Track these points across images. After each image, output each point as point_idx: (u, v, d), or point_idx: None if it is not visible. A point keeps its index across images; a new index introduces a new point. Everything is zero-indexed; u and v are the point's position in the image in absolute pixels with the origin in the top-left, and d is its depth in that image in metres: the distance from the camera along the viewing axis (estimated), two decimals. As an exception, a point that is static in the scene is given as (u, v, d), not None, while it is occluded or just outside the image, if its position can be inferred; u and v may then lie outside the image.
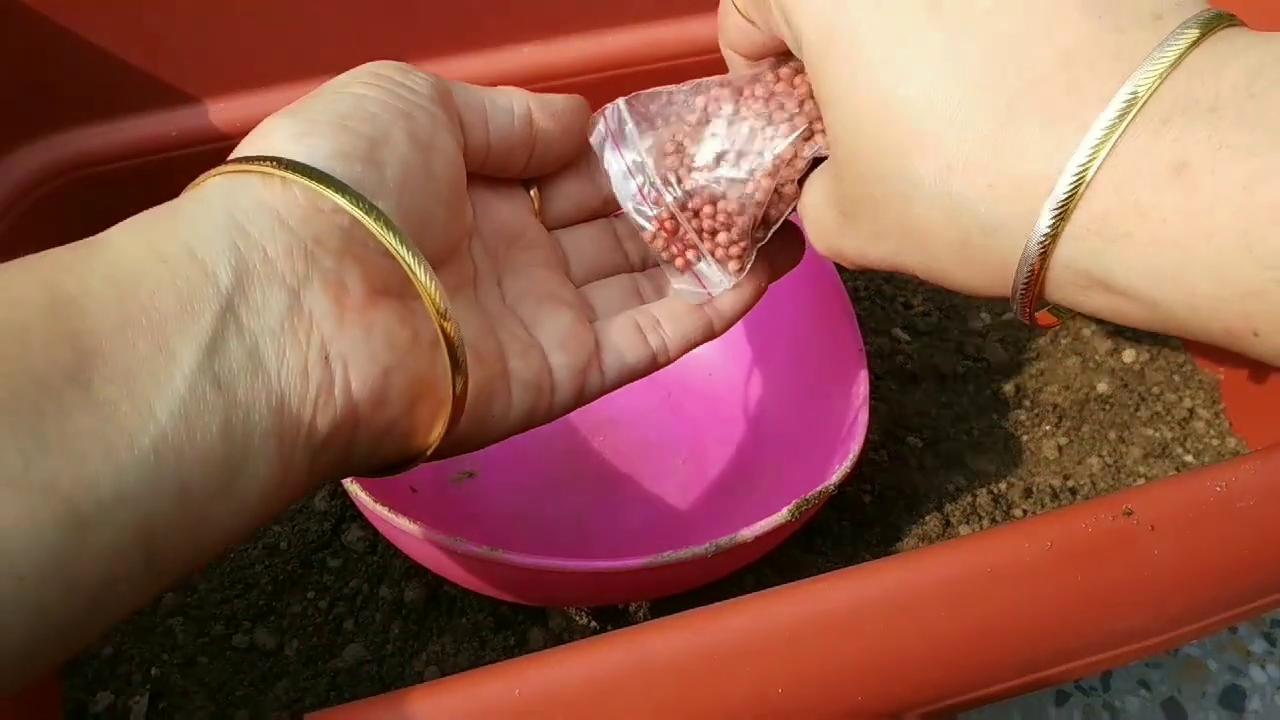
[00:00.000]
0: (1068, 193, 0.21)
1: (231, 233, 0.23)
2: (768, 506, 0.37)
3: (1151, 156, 0.20)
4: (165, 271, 0.22)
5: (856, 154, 0.25)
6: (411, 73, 0.28)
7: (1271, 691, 0.51)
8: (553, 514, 0.46)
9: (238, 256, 0.23)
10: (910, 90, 0.23)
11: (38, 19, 0.42)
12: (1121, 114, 0.21)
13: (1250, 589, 0.34)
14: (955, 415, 0.51)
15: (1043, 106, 0.22)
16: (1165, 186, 0.20)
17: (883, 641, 0.29)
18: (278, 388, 0.23)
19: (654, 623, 0.29)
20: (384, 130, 0.26)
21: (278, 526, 0.45)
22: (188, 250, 0.23)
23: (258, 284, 0.23)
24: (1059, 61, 0.22)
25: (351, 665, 0.42)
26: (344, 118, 0.26)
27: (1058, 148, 0.21)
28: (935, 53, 0.23)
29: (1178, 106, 0.20)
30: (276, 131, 0.25)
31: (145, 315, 0.22)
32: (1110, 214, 0.21)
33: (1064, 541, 0.31)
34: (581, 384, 0.31)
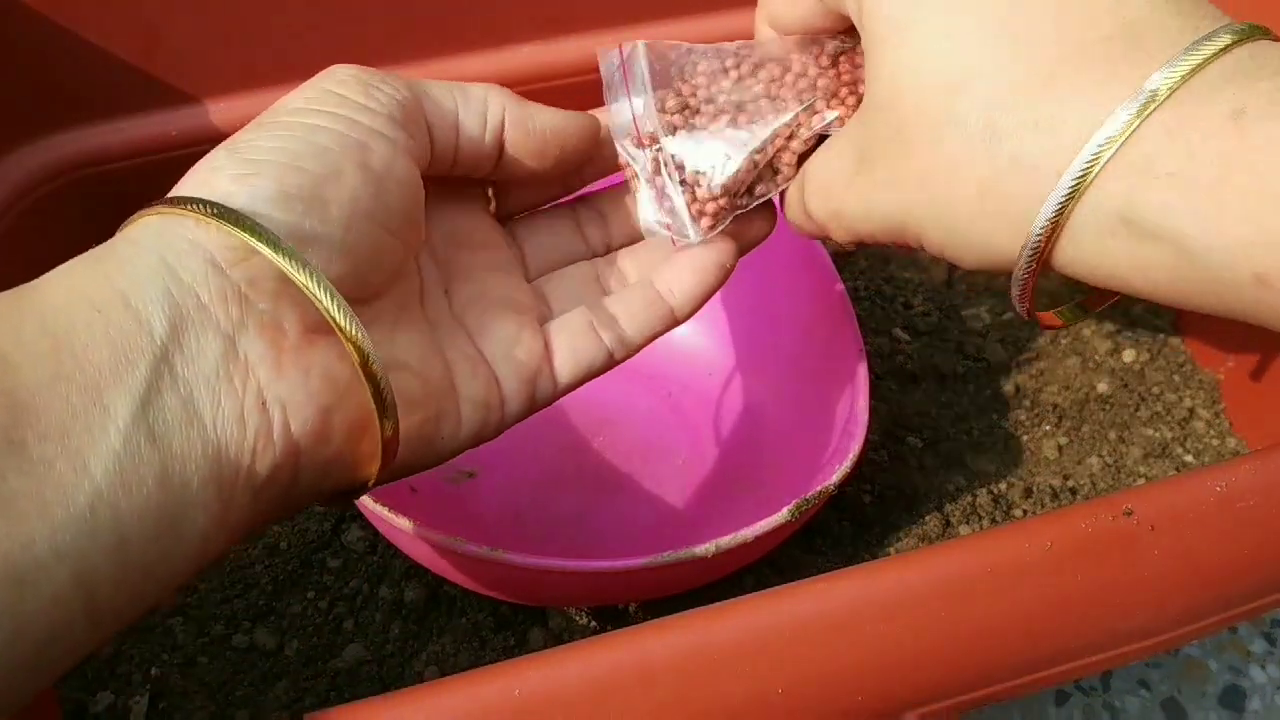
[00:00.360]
0: (1118, 132, 0.22)
1: (165, 278, 0.23)
2: (768, 506, 0.37)
3: (1209, 105, 0.21)
4: (99, 321, 0.22)
5: (898, 91, 0.25)
6: (375, 87, 0.27)
7: (1271, 691, 0.51)
8: (552, 514, 0.46)
9: (171, 303, 0.23)
10: (971, 27, 0.24)
11: (38, 19, 0.42)
12: (1184, 74, 0.21)
13: (1250, 589, 0.34)
14: (955, 415, 0.51)
15: (1104, 62, 0.23)
16: (1219, 131, 0.21)
17: (883, 641, 0.29)
18: (214, 436, 0.23)
19: (654, 623, 0.29)
20: (334, 166, 0.25)
21: (278, 527, 0.45)
22: (121, 298, 0.22)
23: (192, 331, 0.23)
24: (1123, 28, 0.23)
25: (351, 665, 0.42)
26: (293, 156, 0.25)
27: (1114, 96, 0.22)
28: (1003, 5, 0.24)
29: (1240, 69, 0.21)
30: (218, 171, 0.25)
31: (79, 369, 0.21)
32: (1158, 154, 0.21)
33: (1064, 541, 0.31)
34: (532, 392, 0.30)
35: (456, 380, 0.29)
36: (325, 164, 0.25)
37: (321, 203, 0.25)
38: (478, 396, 0.29)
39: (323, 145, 0.25)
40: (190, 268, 0.23)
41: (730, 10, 0.51)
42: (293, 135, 0.25)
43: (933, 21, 0.25)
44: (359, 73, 0.27)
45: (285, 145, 0.25)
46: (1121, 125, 0.22)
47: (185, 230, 0.23)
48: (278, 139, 0.25)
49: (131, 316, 0.22)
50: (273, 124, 0.26)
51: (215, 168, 0.25)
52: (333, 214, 0.25)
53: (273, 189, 0.24)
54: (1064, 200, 0.22)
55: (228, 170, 0.24)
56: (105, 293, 0.22)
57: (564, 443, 0.49)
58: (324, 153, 0.25)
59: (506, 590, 0.40)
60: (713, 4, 0.51)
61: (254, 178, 0.24)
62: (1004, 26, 0.24)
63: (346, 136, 0.26)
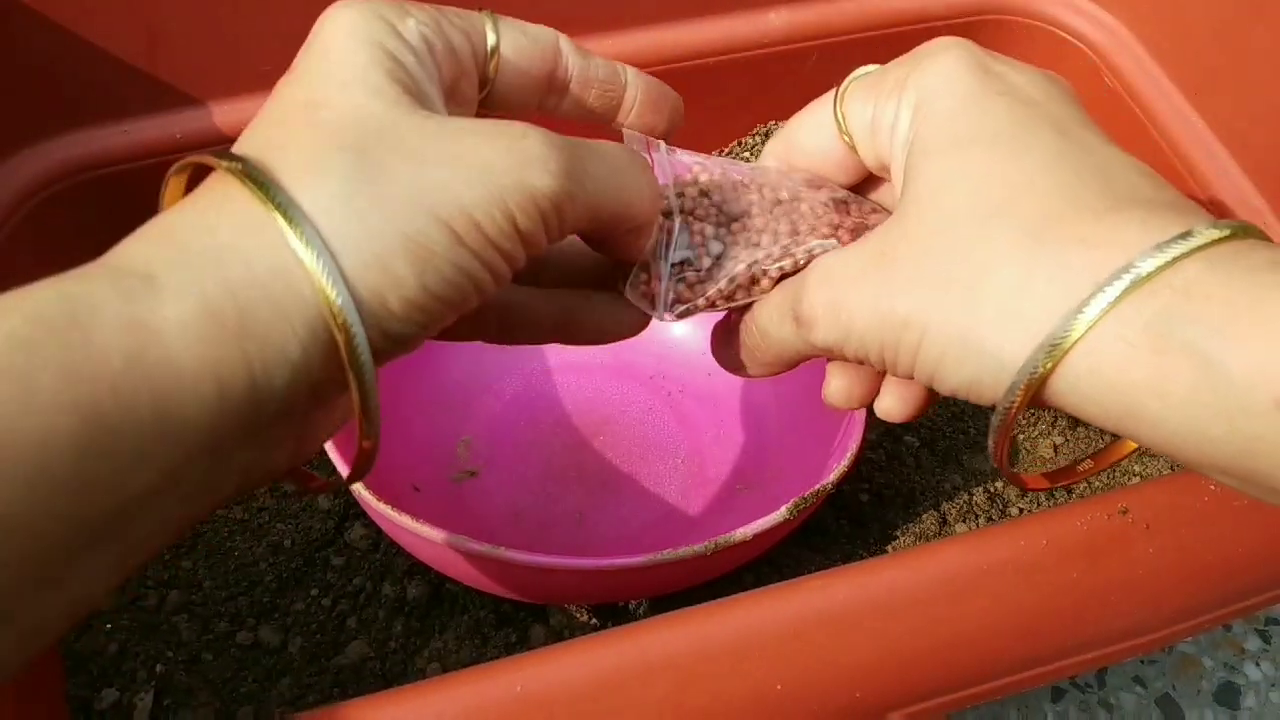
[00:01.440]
0: (1166, 259, 0.22)
1: (296, 374, 0.22)
2: (766, 505, 0.37)
3: (1251, 254, 0.22)
4: (216, 407, 0.21)
5: (940, 193, 0.26)
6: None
7: (1266, 688, 0.52)
8: (553, 512, 0.47)
9: (289, 399, 0.22)
10: (1033, 159, 0.25)
11: (41, 21, 0.43)
12: (1233, 229, 0.23)
13: (1245, 586, 0.34)
14: (952, 414, 0.51)
15: (1155, 205, 0.24)
16: (1260, 266, 0.22)
17: (880, 638, 0.30)
18: (238, 485, 0.24)
19: (654, 620, 0.29)
20: (468, 303, 0.24)
21: (281, 525, 0.45)
22: (250, 387, 0.21)
23: (283, 418, 0.23)
24: (1164, 193, 0.25)
25: (355, 662, 0.42)
26: (456, 299, 0.24)
27: (1159, 229, 0.23)
28: (1054, 151, 0.25)
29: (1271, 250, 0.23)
30: (396, 281, 0.23)
31: (177, 449, 0.21)
32: (1198, 280, 0.22)
33: (1060, 540, 0.31)
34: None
35: None
36: (469, 301, 0.24)
37: (437, 325, 0.25)
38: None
39: (479, 289, 0.24)
40: (319, 368, 0.23)
41: (730, 13, 0.51)
42: (468, 275, 0.24)
43: (995, 148, 0.26)
44: (557, 199, 0.25)
45: (459, 284, 0.24)
46: (1171, 254, 0.22)
47: (329, 332, 0.22)
48: (459, 273, 0.24)
49: (251, 408, 0.22)
50: (461, 246, 0.24)
51: (394, 273, 0.23)
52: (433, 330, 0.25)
53: (418, 329, 0.24)
54: (1099, 303, 0.23)
55: (406, 292, 0.23)
56: (238, 377, 0.21)
57: (565, 442, 0.49)
58: (476, 294, 0.24)
59: (508, 588, 0.40)
60: (712, 7, 0.51)
61: (418, 313, 0.23)
62: (1060, 162, 0.25)
63: (496, 282, 0.25)
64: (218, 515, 0.46)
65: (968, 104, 0.26)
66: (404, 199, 0.23)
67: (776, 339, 0.29)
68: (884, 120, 0.28)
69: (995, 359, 0.24)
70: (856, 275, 0.27)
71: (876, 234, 0.27)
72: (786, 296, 0.29)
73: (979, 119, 0.26)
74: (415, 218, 0.23)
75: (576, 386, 0.51)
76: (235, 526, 0.45)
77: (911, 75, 0.27)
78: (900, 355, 0.26)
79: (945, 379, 0.26)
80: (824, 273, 0.28)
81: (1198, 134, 0.49)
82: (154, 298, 0.21)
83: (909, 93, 0.27)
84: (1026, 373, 0.24)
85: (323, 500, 0.46)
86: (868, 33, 0.52)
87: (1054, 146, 0.25)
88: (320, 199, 0.22)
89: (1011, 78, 0.27)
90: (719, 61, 0.51)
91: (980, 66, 0.27)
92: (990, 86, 0.27)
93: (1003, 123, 0.26)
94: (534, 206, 0.24)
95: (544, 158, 0.24)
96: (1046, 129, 0.26)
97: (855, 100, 0.29)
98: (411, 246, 0.23)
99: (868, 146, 0.29)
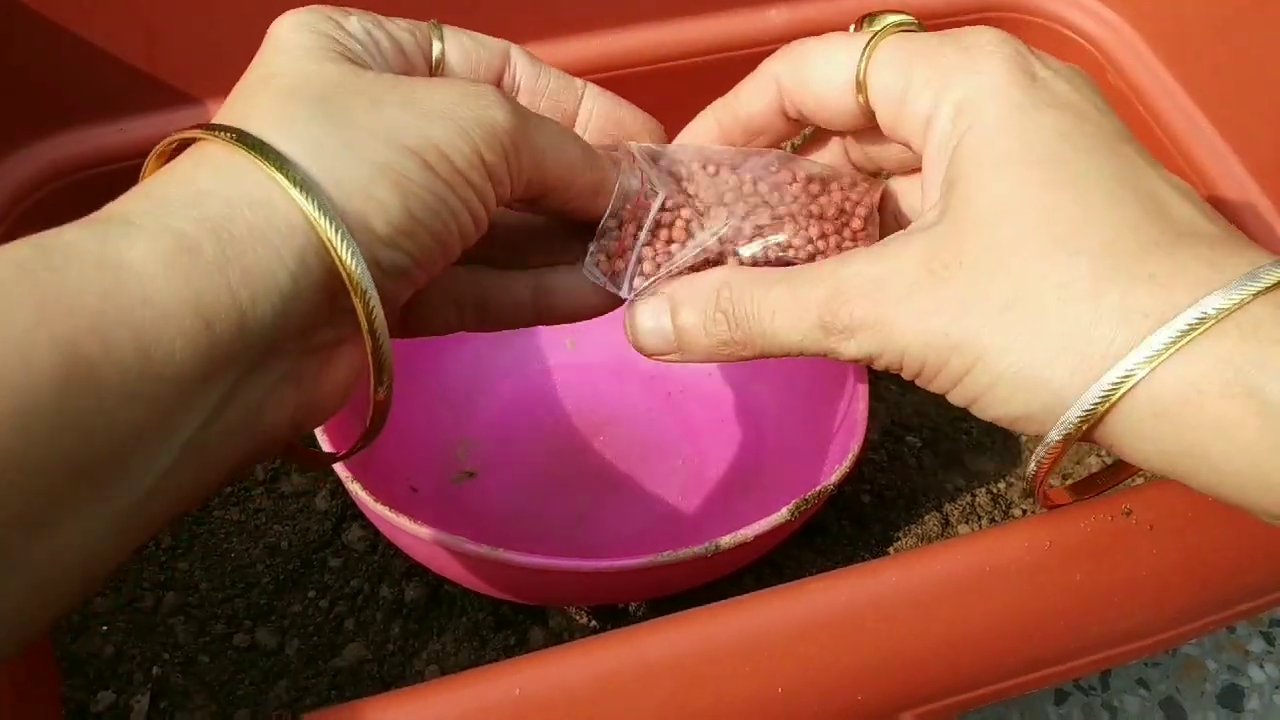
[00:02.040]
0: (1234, 300, 0.22)
1: (287, 304, 0.22)
2: (767, 506, 0.37)
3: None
4: (204, 340, 0.21)
5: (1004, 213, 0.25)
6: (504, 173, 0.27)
7: (1270, 690, 0.51)
8: (553, 514, 0.47)
9: (282, 331, 0.22)
10: (1098, 187, 0.25)
11: (38, 19, 0.42)
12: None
13: (1249, 589, 0.34)
14: (954, 415, 0.51)
15: (1227, 243, 0.24)
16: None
17: (882, 641, 0.30)
18: (241, 444, 0.24)
19: (654, 622, 0.29)
20: (452, 246, 0.26)
21: (278, 526, 0.45)
22: (238, 318, 0.21)
23: (275, 355, 0.23)
24: (1233, 230, 0.25)
25: (352, 664, 0.42)
26: (440, 232, 0.25)
27: (1227, 267, 0.23)
28: (1127, 181, 0.25)
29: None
30: (381, 206, 0.24)
31: (163, 389, 0.21)
32: (1265, 321, 0.22)
33: (1063, 541, 0.31)
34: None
35: None
36: (452, 243, 0.26)
37: (430, 269, 0.26)
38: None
39: (461, 228, 0.26)
40: (313, 300, 0.23)
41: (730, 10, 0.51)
42: (446, 205, 0.25)
43: (1054, 169, 0.25)
44: (515, 134, 0.26)
45: (440, 214, 0.25)
46: (1237, 295, 0.22)
47: (321, 260, 0.23)
48: (437, 201, 0.25)
49: (240, 339, 0.22)
50: (434, 175, 0.25)
51: (378, 199, 0.24)
52: (418, 279, 0.26)
53: (410, 261, 0.25)
54: (1166, 345, 0.23)
55: (391, 216, 0.24)
56: (225, 309, 0.21)
57: (564, 443, 0.49)
58: (457, 235, 0.26)
59: (507, 589, 0.40)
60: (712, 4, 0.51)
61: (406, 240, 0.24)
62: (1119, 191, 0.25)
63: (475, 223, 0.26)
64: (214, 516, 0.46)
65: (1017, 117, 0.26)
66: (373, 135, 0.24)
67: (784, 341, 0.28)
68: (917, 106, 0.27)
69: (1054, 395, 0.24)
70: (905, 292, 0.26)
71: (923, 243, 0.26)
72: (808, 299, 0.28)
73: (1032, 136, 0.26)
74: (387, 150, 0.24)
75: (576, 387, 0.51)
76: (232, 528, 0.45)
77: (955, 73, 0.27)
78: (943, 376, 0.26)
79: (988, 408, 0.26)
80: (868, 281, 0.27)
81: (1202, 132, 0.49)
82: (127, 238, 0.21)
83: (952, 90, 0.27)
84: (1083, 409, 0.24)
85: (320, 501, 0.46)
86: (869, 31, 0.52)
87: (1110, 171, 0.25)
88: (294, 144, 0.23)
89: (1055, 85, 0.27)
90: (719, 59, 0.51)
91: (1026, 72, 0.27)
92: (1039, 97, 0.26)
93: (1055, 142, 0.25)
94: (496, 140, 0.25)
95: (499, 100, 0.26)
96: (1100, 149, 0.25)
97: (884, 68, 0.28)
98: (389, 174, 0.23)
99: (890, 118, 0.28)
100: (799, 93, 0.30)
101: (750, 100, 0.31)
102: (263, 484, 0.47)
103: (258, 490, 0.47)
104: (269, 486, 0.47)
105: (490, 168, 0.26)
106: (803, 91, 0.30)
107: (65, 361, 0.19)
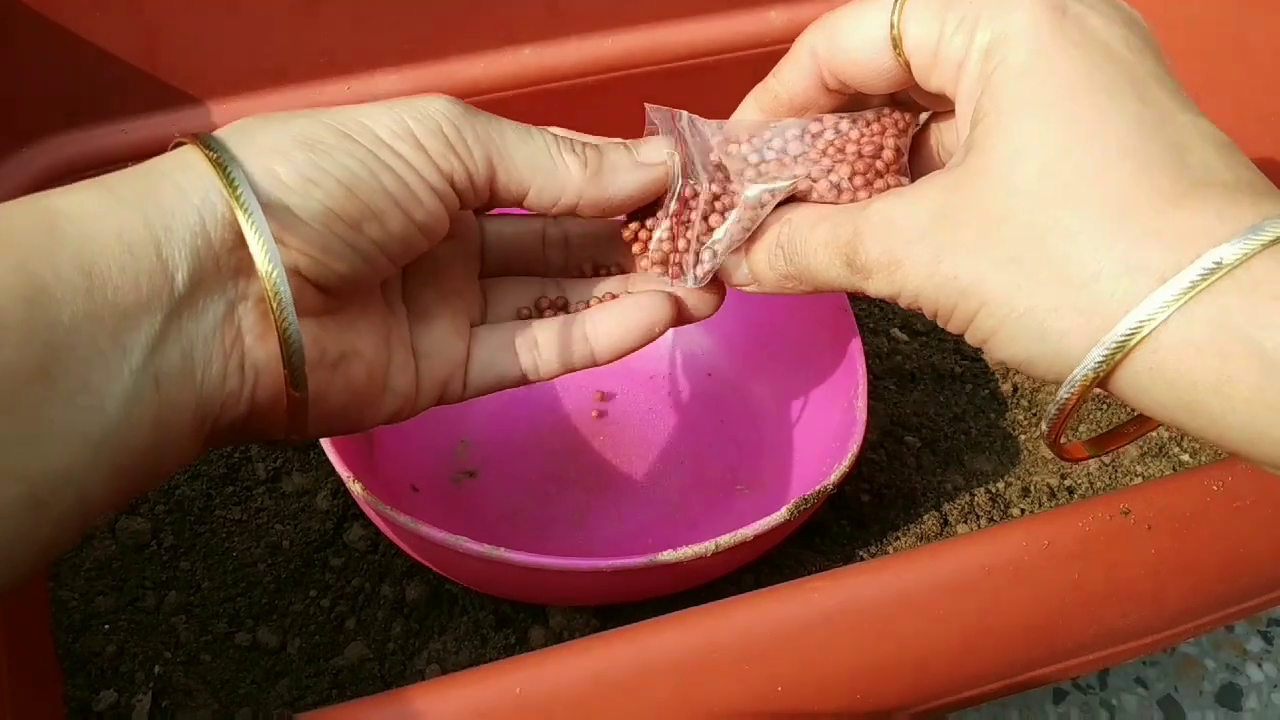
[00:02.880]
0: (1237, 254, 0.22)
1: (198, 238, 0.25)
2: (767, 506, 0.37)
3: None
4: (131, 265, 0.24)
5: (1018, 160, 0.25)
6: (454, 149, 0.28)
7: (1268, 689, 0.52)
8: (553, 513, 0.47)
9: (197, 264, 0.25)
10: (1114, 135, 0.24)
11: (41, 21, 0.43)
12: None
13: (1247, 587, 0.34)
14: (953, 415, 0.51)
15: (1228, 195, 0.24)
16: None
17: (881, 639, 0.30)
18: (200, 389, 0.25)
19: (654, 621, 0.29)
20: (384, 209, 0.27)
21: (280, 525, 0.45)
22: (155, 247, 0.24)
23: (205, 290, 0.25)
24: (1239, 179, 0.24)
25: (353, 663, 0.42)
26: (355, 183, 0.26)
27: (1238, 222, 0.23)
28: (1146, 129, 0.25)
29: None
30: (286, 159, 0.26)
31: (109, 309, 0.23)
32: (1267, 278, 0.22)
33: (1062, 540, 0.31)
34: (441, 393, 0.32)
35: (390, 376, 0.30)
36: (378, 204, 0.27)
37: (356, 230, 0.27)
38: (401, 389, 0.31)
39: (385, 189, 0.27)
40: (221, 235, 0.25)
41: (731, 11, 0.51)
42: (364, 165, 0.27)
43: (1072, 113, 0.25)
44: (452, 117, 0.28)
45: (354, 170, 0.27)
46: (1240, 250, 0.22)
47: (223, 199, 0.25)
48: (352, 160, 0.27)
49: (161, 267, 0.24)
50: (352, 141, 0.27)
51: (286, 155, 0.26)
52: (360, 244, 0.27)
53: (321, 207, 0.26)
54: (1167, 303, 0.23)
55: (297, 165, 0.26)
56: (141, 237, 0.24)
57: (564, 442, 0.49)
58: (383, 195, 0.27)
59: (507, 589, 0.40)
60: (713, 5, 0.51)
61: (314, 188, 0.26)
62: (1136, 137, 0.24)
63: (408, 189, 0.27)
64: (216, 515, 0.46)
65: (1044, 57, 0.25)
66: (305, 118, 0.27)
67: (825, 278, 0.29)
68: (950, 53, 0.27)
69: (1054, 348, 0.24)
70: (917, 233, 0.26)
71: (939, 186, 0.27)
72: (839, 238, 0.28)
73: (1055, 78, 0.25)
74: (308, 124, 0.27)
75: (576, 387, 0.51)
76: (233, 527, 0.45)
77: (984, 14, 0.26)
78: (954, 318, 0.26)
79: (997, 349, 0.26)
80: (883, 222, 0.27)
81: (1200, 133, 0.49)
82: (58, 194, 0.24)
83: (981, 31, 0.26)
84: (1088, 368, 0.24)
85: (321, 501, 0.46)
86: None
87: (1131, 116, 0.25)
88: (231, 133, 0.26)
89: (1089, 20, 0.26)
90: (719, 60, 0.51)
91: (1059, 9, 0.26)
92: (1068, 35, 0.25)
93: (1079, 84, 0.25)
94: (428, 118, 0.28)
95: (440, 96, 0.28)
96: (1124, 92, 0.25)
97: (917, 19, 0.28)
98: (302, 141, 0.26)
99: (926, 72, 0.28)
100: (836, 60, 0.30)
101: (789, 77, 0.31)
102: (264, 483, 0.47)
103: (259, 490, 0.47)
104: (270, 486, 0.47)
105: (422, 141, 0.27)
106: (840, 58, 0.30)
107: (22, 281, 0.22)
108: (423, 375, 0.31)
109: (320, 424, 0.29)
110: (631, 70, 0.50)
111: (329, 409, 0.29)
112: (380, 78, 0.47)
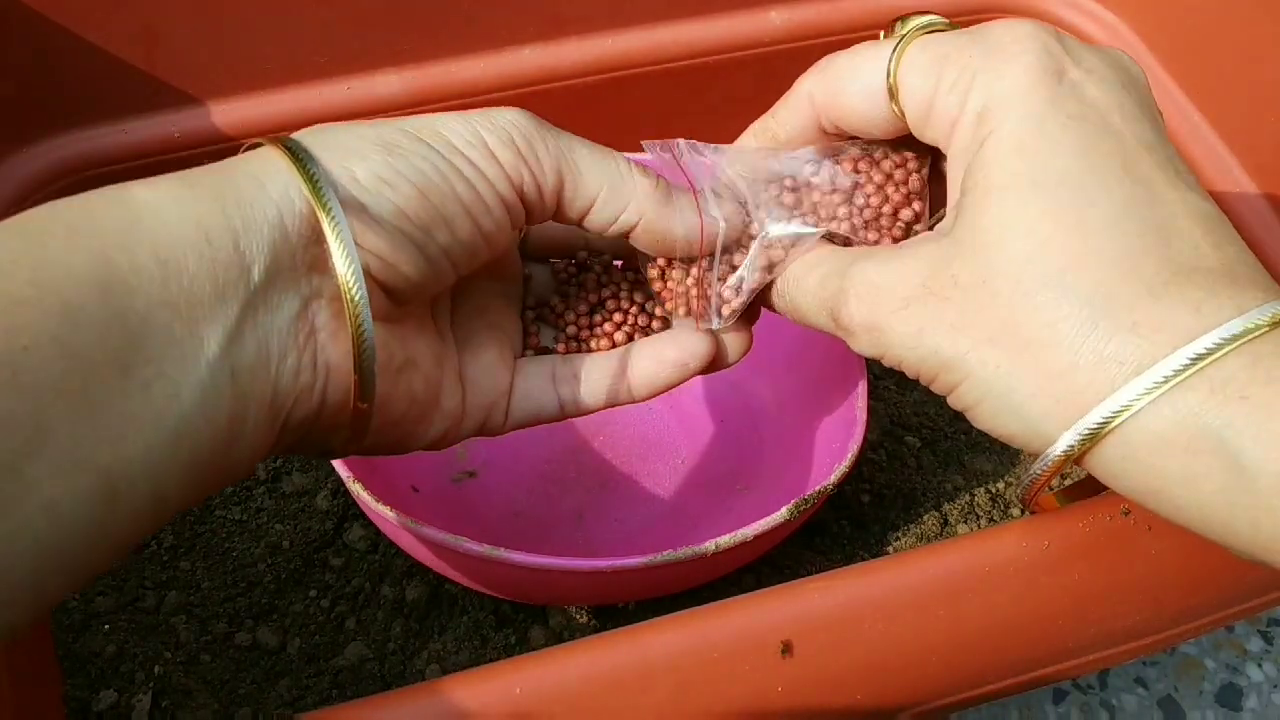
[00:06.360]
0: (1210, 348, 0.23)
1: (275, 232, 0.25)
2: (767, 506, 0.37)
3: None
4: (208, 255, 0.24)
5: (1002, 241, 0.25)
6: (526, 163, 0.28)
7: (1268, 689, 0.52)
8: (553, 514, 0.47)
9: (274, 257, 0.25)
10: (1099, 218, 0.25)
11: (39, 20, 0.43)
12: (1275, 318, 0.23)
13: (1247, 588, 0.34)
14: (953, 415, 0.51)
15: (1207, 286, 0.24)
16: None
17: (882, 640, 0.30)
18: (274, 382, 0.25)
19: (654, 622, 0.29)
20: (454, 214, 0.27)
21: (280, 525, 0.45)
22: (233, 238, 0.24)
23: (280, 285, 0.25)
24: (1223, 265, 0.24)
25: (353, 663, 0.42)
26: (428, 186, 0.27)
27: (1211, 312, 0.23)
28: (1123, 215, 0.25)
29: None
30: (365, 161, 0.26)
31: (185, 298, 0.23)
32: (1237, 377, 0.22)
33: (1062, 541, 0.31)
34: (484, 421, 0.32)
35: (442, 398, 0.30)
36: (449, 209, 0.27)
37: (425, 234, 0.27)
38: (450, 410, 0.31)
39: (457, 195, 0.27)
40: (299, 230, 0.25)
41: (731, 12, 0.51)
42: (438, 170, 0.27)
43: (1060, 195, 0.25)
44: (524, 129, 0.29)
45: (428, 174, 0.27)
46: (1213, 344, 0.23)
47: (303, 191, 0.25)
48: (427, 164, 0.27)
49: (238, 259, 0.24)
50: (428, 146, 0.27)
51: (363, 155, 0.26)
52: (429, 248, 0.27)
53: (394, 209, 0.26)
54: (1138, 396, 0.23)
55: (373, 166, 0.26)
56: (218, 226, 0.24)
57: (564, 443, 0.49)
58: (454, 201, 0.27)
59: (507, 589, 0.40)
60: (713, 5, 0.51)
61: (389, 189, 0.26)
62: (1125, 221, 0.25)
63: (479, 196, 0.28)
64: (216, 515, 0.46)
65: (1036, 131, 0.25)
66: (376, 126, 0.27)
67: (814, 324, 0.30)
68: (944, 109, 0.27)
69: (1033, 428, 0.25)
70: (900, 304, 0.27)
71: (925, 258, 0.27)
72: (826, 291, 0.29)
73: (1045, 156, 0.25)
74: (383, 130, 0.27)
75: (576, 387, 0.51)
76: (234, 527, 0.45)
77: (981, 74, 0.26)
78: (936, 385, 0.27)
79: (979, 421, 0.27)
80: (867, 286, 0.28)
81: (1201, 135, 0.49)
82: (137, 185, 0.24)
83: (976, 93, 0.26)
84: (1061, 449, 0.25)
85: (321, 501, 0.46)
86: (869, 31, 0.52)
87: (1119, 200, 0.25)
88: (313, 135, 0.27)
89: (1087, 90, 0.26)
90: (719, 60, 0.51)
91: (1055, 74, 0.26)
92: (1063, 106, 0.26)
93: (1071, 167, 0.25)
94: (503, 131, 0.28)
95: (512, 109, 0.29)
96: (1114, 174, 0.25)
97: (913, 73, 0.28)
98: (380, 143, 0.27)
99: (921, 124, 0.28)
100: (833, 107, 0.30)
101: (787, 120, 0.31)
102: (264, 483, 0.47)
103: (259, 490, 0.47)
104: (270, 486, 0.47)
105: (494, 151, 0.28)
106: (837, 105, 0.30)
107: (99, 268, 0.22)
108: (469, 401, 0.31)
109: (377, 434, 0.29)
110: (631, 70, 0.50)
111: (388, 418, 0.29)
112: (380, 78, 0.47)
